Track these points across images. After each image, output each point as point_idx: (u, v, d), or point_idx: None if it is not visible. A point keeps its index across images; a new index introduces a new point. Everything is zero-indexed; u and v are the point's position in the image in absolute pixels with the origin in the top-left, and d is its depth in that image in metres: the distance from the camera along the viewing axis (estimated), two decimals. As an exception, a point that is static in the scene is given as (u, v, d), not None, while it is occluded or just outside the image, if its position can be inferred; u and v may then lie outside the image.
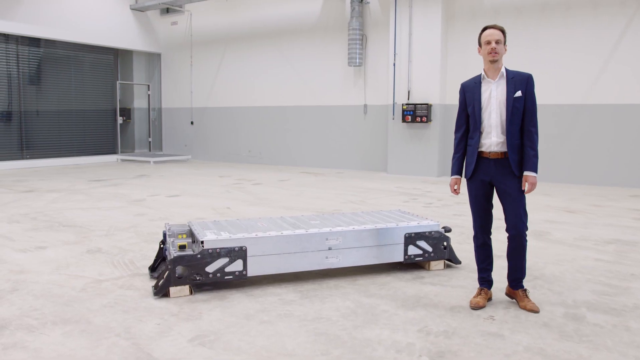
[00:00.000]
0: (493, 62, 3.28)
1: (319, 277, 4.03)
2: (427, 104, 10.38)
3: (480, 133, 3.36)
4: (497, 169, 3.33)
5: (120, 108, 15.00)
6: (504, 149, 3.31)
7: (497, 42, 3.26)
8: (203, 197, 7.98)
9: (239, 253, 3.71)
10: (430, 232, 4.17)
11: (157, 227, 5.83)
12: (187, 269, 3.62)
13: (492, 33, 3.28)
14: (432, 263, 4.21)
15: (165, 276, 3.61)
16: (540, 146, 10.80)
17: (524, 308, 3.33)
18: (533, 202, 7.28)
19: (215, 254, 3.66)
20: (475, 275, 4.05)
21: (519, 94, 3.29)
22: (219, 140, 14.42)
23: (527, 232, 3.37)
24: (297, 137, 12.95)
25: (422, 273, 4.16)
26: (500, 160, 3.32)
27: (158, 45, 15.31)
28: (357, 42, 11.32)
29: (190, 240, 3.92)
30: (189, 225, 4.14)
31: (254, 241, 3.75)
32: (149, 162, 13.69)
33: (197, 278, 3.64)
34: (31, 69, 13.07)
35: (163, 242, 4.09)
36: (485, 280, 3.53)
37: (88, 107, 14.21)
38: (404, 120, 10.63)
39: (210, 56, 14.34)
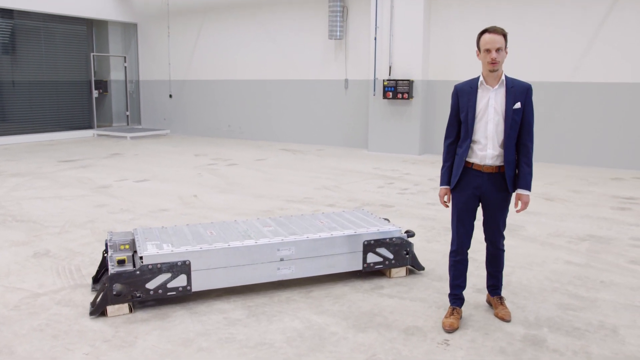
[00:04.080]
0: (493, 71, 2.99)
1: (272, 288, 3.80)
2: (408, 80, 9.99)
3: (473, 142, 3.08)
4: (490, 184, 3.09)
5: (96, 80, 14.45)
6: (499, 162, 3.06)
7: (497, 51, 2.95)
8: (172, 182, 7.68)
9: (182, 268, 3.46)
10: (391, 239, 3.93)
11: (115, 222, 5.56)
12: (125, 286, 3.37)
13: (493, 40, 2.95)
14: (394, 270, 3.99)
15: (101, 294, 3.37)
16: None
17: (496, 316, 3.31)
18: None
19: (155, 270, 3.41)
20: (438, 284, 3.87)
21: (517, 105, 3.02)
22: (198, 114, 13.99)
23: (504, 243, 3.28)
24: (278, 112, 12.56)
25: (383, 281, 3.94)
26: (494, 174, 3.08)
27: (134, 15, 14.63)
28: (338, 14, 10.81)
29: (131, 253, 3.66)
30: (133, 235, 3.87)
31: (198, 255, 3.50)
32: (125, 137, 13.29)
33: (137, 295, 3.40)
34: (4, 41, 12.46)
35: (106, 251, 3.83)
36: (458, 298, 3.30)
37: (62, 80, 13.66)
38: (384, 96, 10.26)
39: (187, 27, 13.74)
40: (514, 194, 3.17)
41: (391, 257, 3.94)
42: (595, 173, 8.40)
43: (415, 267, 4.06)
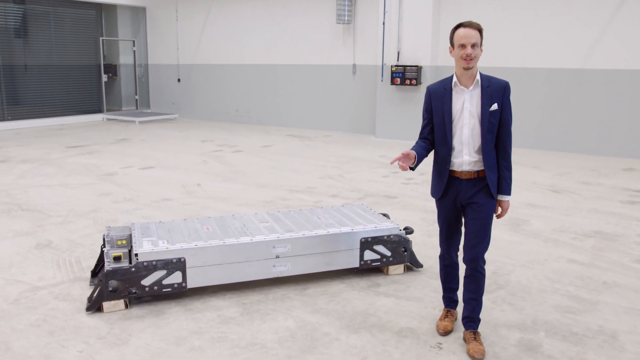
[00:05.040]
0: (467, 69, 2.77)
1: (268, 284, 3.79)
2: (416, 66, 9.83)
3: (451, 149, 2.88)
4: (469, 190, 2.88)
5: (105, 65, 14.45)
6: (477, 168, 2.86)
7: (473, 46, 2.72)
8: (177, 170, 7.68)
9: (177, 265, 3.46)
10: (388, 236, 3.88)
11: (118, 212, 5.59)
12: (121, 283, 3.38)
13: (468, 35, 2.72)
14: (391, 267, 3.95)
15: (98, 290, 3.39)
16: (532, 113, 10.34)
17: (468, 352, 2.88)
18: (520, 178, 6.94)
19: (151, 267, 3.41)
20: (436, 282, 3.82)
21: (494, 107, 2.79)
22: (206, 99, 13.95)
23: (484, 266, 2.95)
24: (286, 97, 12.47)
25: (380, 279, 3.90)
26: (473, 180, 2.88)
27: (142, -2, 14.54)
28: (346, -3, 10.62)
29: (128, 249, 3.66)
30: (130, 230, 3.87)
31: (193, 252, 3.49)
32: (134, 122, 13.31)
33: (133, 291, 3.41)
34: (15, 26, 12.48)
35: (105, 245, 3.84)
36: (452, 300, 3.21)
37: (72, 64, 13.67)
38: (392, 82, 10.11)
39: (195, 11, 13.62)
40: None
41: (388, 254, 3.90)
42: (607, 163, 8.23)
43: (413, 264, 4.02)
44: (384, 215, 4.26)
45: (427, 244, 4.60)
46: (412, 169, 2.91)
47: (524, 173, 7.34)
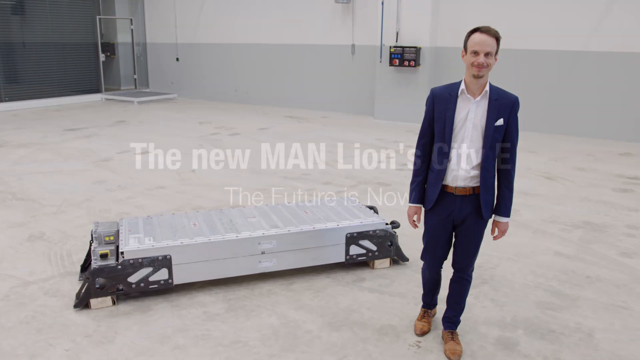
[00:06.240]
0: (477, 77, 2.59)
1: (255, 279, 3.84)
2: (415, 47, 9.69)
3: (448, 160, 2.72)
4: (463, 207, 2.74)
5: (103, 43, 14.33)
6: (472, 184, 2.71)
7: (486, 55, 2.53)
8: (173, 155, 7.69)
9: (163, 262, 3.51)
10: (374, 231, 3.91)
11: (111, 201, 5.63)
12: (108, 280, 3.44)
13: (483, 42, 2.53)
14: (377, 262, 3.99)
15: (85, 288, 3.45)
16: (531, 96, 10.22)
17: (444, 352, 2.93)
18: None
19: (137, 264, 3.46)
20: (420, 277, 3.85)
21: (500, 122, 2.62)
22: (205, 78, 13.86)
23: (472, 273, 2.95)
24: (285, 77, 12.37)
25: (365, 273, 3.95)
26: (468, 197, 2.73)
27: (138, -26, 14.33)
28: (344, -25, 10.42)
29: (115, 246, 3.70)
30: (118, 225, 3.91)
31: (179, 249, 3.53)
32: (132, 102, 13.27)
33: (120, 288, 3.47)
34: (11, 3, 12.37)
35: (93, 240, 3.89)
36: (431, 302, 3.21)
37: (70, 43, 13.57)
38: (391, 63, 10.00)
39: (192, -13, 13.43)
40: (490, 220, 2.84)
41: (374, 249, 3.94)
42: (604, 147, 8.18)
43: (399, 258, 4.06)
44: (371, 208, 4.28)
45: (415, 236, 4.60)
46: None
47: (520, 158, 7.23)
